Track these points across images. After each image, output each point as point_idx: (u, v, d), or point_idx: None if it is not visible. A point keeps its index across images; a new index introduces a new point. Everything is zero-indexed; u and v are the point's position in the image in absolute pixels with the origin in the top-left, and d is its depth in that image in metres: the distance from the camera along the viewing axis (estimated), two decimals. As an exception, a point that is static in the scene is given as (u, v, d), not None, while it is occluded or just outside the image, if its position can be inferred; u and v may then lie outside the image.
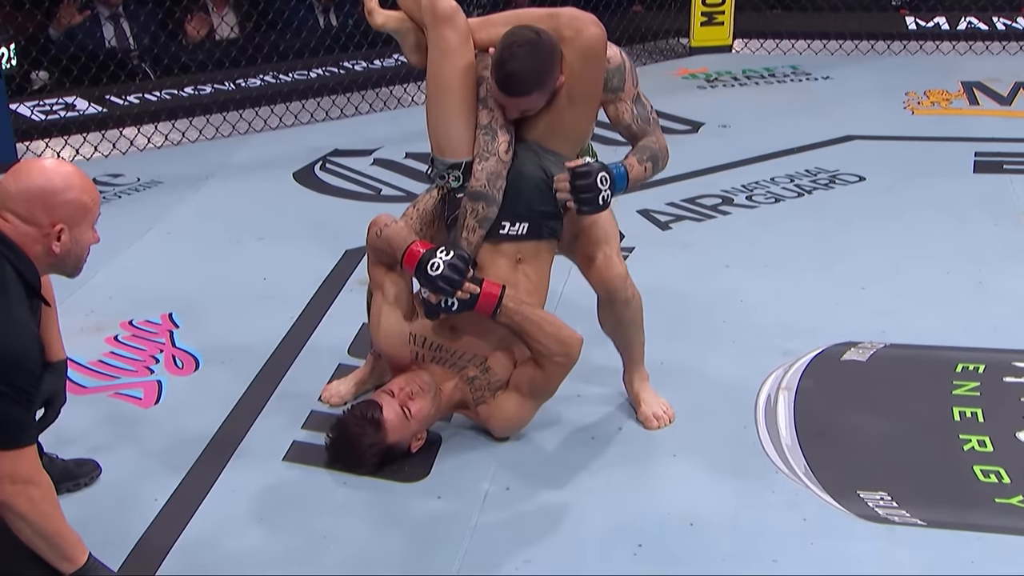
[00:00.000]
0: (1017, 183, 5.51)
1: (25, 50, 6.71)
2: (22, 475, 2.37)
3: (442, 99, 3.18)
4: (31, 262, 2.48)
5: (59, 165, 2.57)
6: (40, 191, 2.47)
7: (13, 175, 2.50)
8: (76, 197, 2.51)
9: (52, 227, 2.47)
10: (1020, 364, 3.73)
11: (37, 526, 2.41)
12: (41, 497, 2.41)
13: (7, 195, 2.47)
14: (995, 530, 2.94)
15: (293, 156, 6.12)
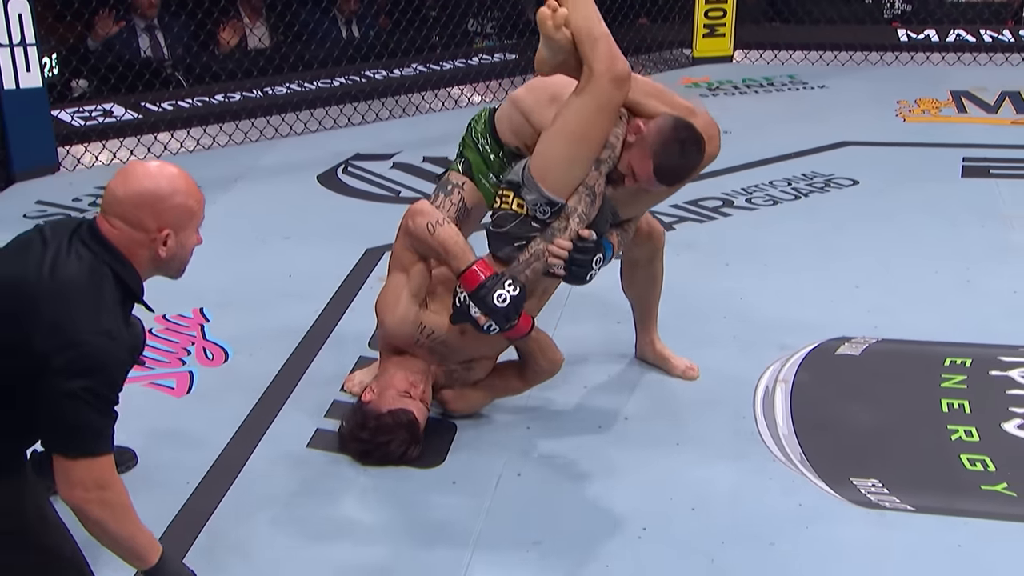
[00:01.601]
0: (1003, 187, 5.50)
1: (66, 60, 6.73)
2: (96, 481, 2.23)
3: (579, 146, 3.09)
4: (134, 268, 2.35)
5: (165, 168, 2.41)
6: (148, 196, 2.33)
7: (121, 179, 2.36)
8: (183, 201, 2.38)
9: (159, 232, 2.34)
10: (1005, 358, 3.72)
11: (111, 531, 2.28)
12: (115, 501, 2.27)
13: (115, 200, 2.33)
14: (981, 515, 2.94)
15: (317, 160, 6.13)
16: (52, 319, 2.18)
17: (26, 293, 2.22)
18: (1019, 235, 4.86)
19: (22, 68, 5.62)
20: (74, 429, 2.21)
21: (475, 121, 3.50)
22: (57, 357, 2.16)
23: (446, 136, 6.48)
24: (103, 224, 2.33)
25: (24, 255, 2.30)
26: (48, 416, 2.22)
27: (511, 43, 8.33)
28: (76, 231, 2.34)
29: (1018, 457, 3.18)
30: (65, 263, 2.26)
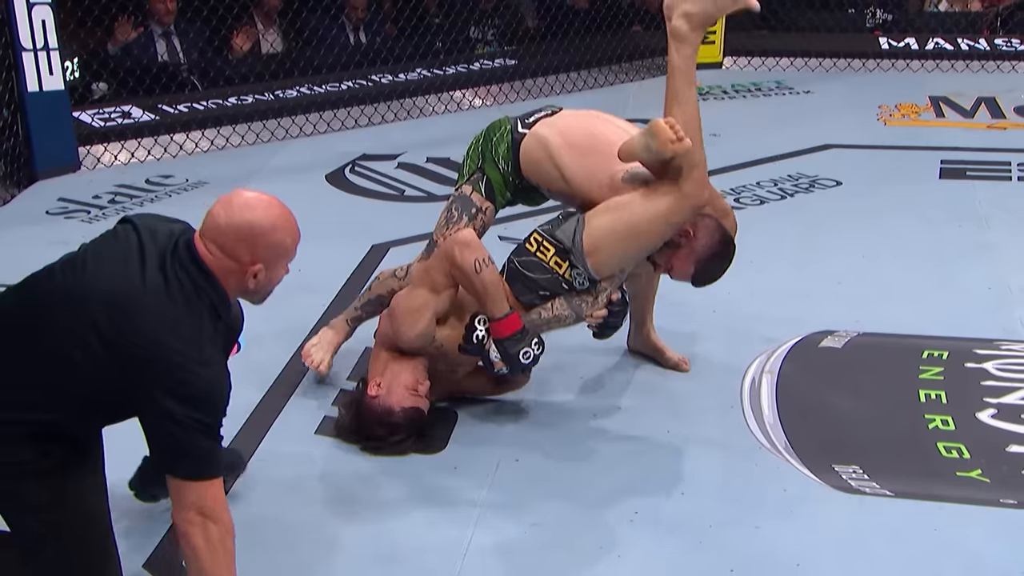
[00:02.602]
0: (979, 188, 5.49)
1: (87, 64, 6.72)
2: (207, 508, 2.16)
3: (638, 243, 3.08)
4: (225, 294, 2.28)
5: (271, 205, 2.31)
6: (249, 229, 2.25)
7: (225, 207, 2.28)
8: (280, 239, 2.30)
9: (252, 265, 2.26)
10: (980, 351, 3.72)
11: (205, 565, 2.18)
12: (218, 537, 2.18)
13: (216, 227, 2.25)
14: (956, 500, 2.94)
15: (326, 160, 6.12)
16: (157, 348, 2.12)
17: (127, 309, 2.15)
18: (994, 234, 4.86)
19: (45, 71, 5.62)
20: (181, 453, 2.15)
21: (495, 136, 3.34)
22: (163, 386, 2.11)
23: (449, 138, 6.50)
24: (200, 247, 2.26)
25: (123, 262, 2.22)
26: (155, 437, 2.18)
27: (511, 49, 8.31)
28: (175, 249, 2.25)
29: (992, 445, 3.18)
30: (166, 286, 2.19)
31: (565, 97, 7.57)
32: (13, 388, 2.19)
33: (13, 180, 5.63)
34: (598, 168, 3.12)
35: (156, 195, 5.57)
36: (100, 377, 2.16)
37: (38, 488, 2.22)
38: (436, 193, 5.57)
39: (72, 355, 2.15)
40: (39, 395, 2.19)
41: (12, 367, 2.20)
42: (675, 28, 3.07)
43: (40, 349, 2.18)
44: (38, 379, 2.18)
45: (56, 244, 4.84)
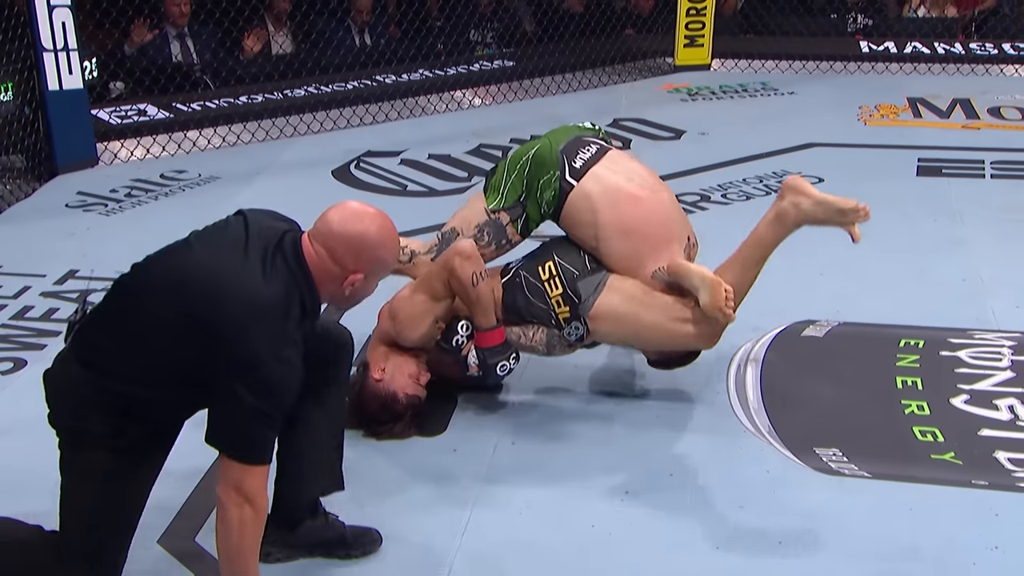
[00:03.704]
0: (954, 185, 5.49)
1: (104, 64, 6.70)
2: (247, 490, 2.16)
3: (639, 342, 3.23)
4: (318, 296, 2.27)
5: (384, 221, 2.30)
6: (359, 239, 2.24)
7: (340, 213, 2.28)
8: (384, 256, 2.29)
9: (353, 273, 2.26)
10: (954, 340, 3.72)
11: (233, 543, 2.19)
12: (252, 519, 2.18)
13: (328, 230, 2.25)
14: (930, 481, 2.95)
15: (332, 156, 6.11)
16: (238, 335, 2.11)
17: (219, 292, 2.15)
18: (968, 229, 4.86)
19: (65, 71, 5.61)
20: (237, 434, 2.16)
21: (543, 177, 3.14)
22: (236, 370, 2.12)
23: (450, 135, 6.50)
24: (307, 246, 2.25)
25: (225, 249, 2.24)
26: (216, 414, 2.17)
27: (509, 51, 8.30)
28: (280, 243, 2.25)
29: (964, 429, 3.19)
30: (263, 276, 2.18)
31: (561, 97, 7.56)
32: (118, 359, 2.22)
33: (35, 174, 5.63)
34: (635, 252, 3.07)
35: (170, 189, 5.56)
36: (184, 356, 2.17)
37: (102, 459, 2.23)
38: (437, 188, 5.56)
39: (164, 332, 2.17)
40: (136, 369, 2.21)
41: (119, 340, 2.22)
42: (783, 209, 3.03)
43: (141, 324, 2.20)
44: (137, 353, 2.20)
45: (74, 236, 4.88)
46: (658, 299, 3.06)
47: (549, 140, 3.21)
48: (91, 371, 2.23)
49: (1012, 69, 8.11)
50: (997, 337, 3.75)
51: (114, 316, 2.27)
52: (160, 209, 5.28)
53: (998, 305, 4.02)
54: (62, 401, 2.27)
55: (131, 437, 2.25)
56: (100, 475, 2.24)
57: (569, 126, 3.34)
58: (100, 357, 2.23)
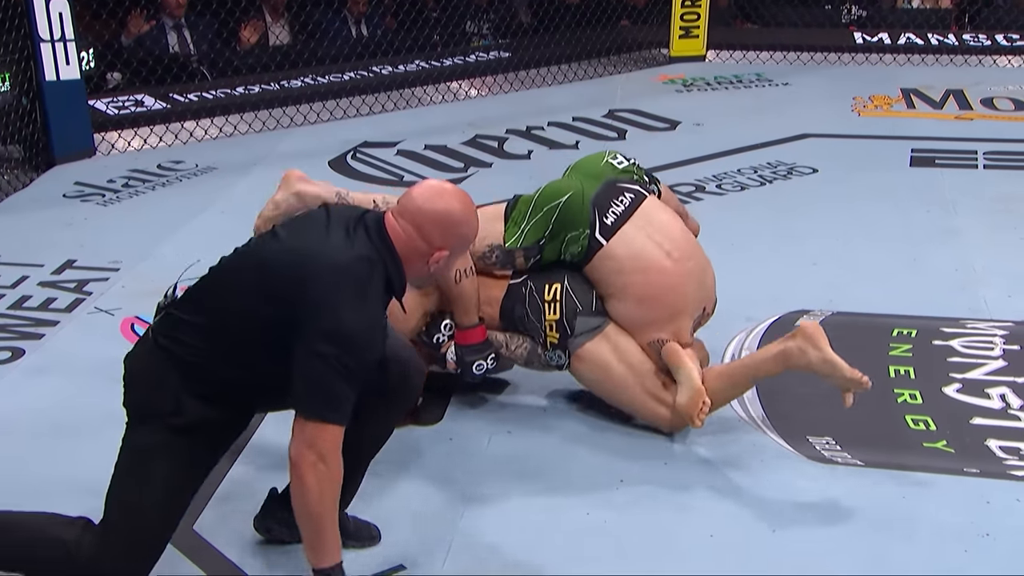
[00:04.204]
0: (947, 176, 5.50)
1: (101, 54, 6.69)
2: (321, 447, 2.13)
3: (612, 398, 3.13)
4: (403, 270, 2.27)
5: (466, 197, 2.31)
6: (446, 215, 2.25)
7: (426, 191, 2.29)
8: (468, 232, 2.31)
9: (439, 250, 2.26)
10: (947, 329, 3.73)
11: (310, 504, 2.16)
12: (327, 477, 2.16)
13: (416, 208, 2.25)
14: (923, 469, 2.95)
15: (328, 147, 6.10)
16: (320, 296, 2.13)
17: (302, 263, 2.18)
18: (960, 219, 4.86)
19: (62, 61, 5.60)
20: (316, 388, 2.13)
21: (571, 233, 3.02)
22: (318, 326, 2.12)
23: (446, 126, 6.49)
24: (391, 223, 2.26)
25: (308, 229, 2.27)
26: (299, 373, 2.15)
27: (505, 42, 8.29)
28: (362, 219, 2.27)
29: (956, 418, 3.19)
30: (342, 245, 2.20)
31: (556, 88, 7.55)
32: (200, 336, 2.24)
33: (32, 165, 5.62)
34: (643, 319, 3.01)
35: (168, 180, 5.56)
36: (268, 331, 2.18)
37: (158, 438, 2.23)
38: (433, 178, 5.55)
39: (250, 309, 2.20)
40: (217, 347, 2.23)
41: (204, 318, 2.25)
42: (790, 350, 2.88)
43: (227, 302, 2.24)
44: (220, 331, 2.23)
45: (72, 226, 4.88)
46: (645, 367, 3.04)
47: (582, 187, 3.06)
48: (170, 348, 2.25)
49: (1005, 60, 8.12)
50: (989, 326, 3.75)
51: (201, 297, 2.30)
52: (157, 199, 5.27)
53: (990, 295, 4.03)
54: (137, 379, 2.29)
55: (190, 417, 2.24)
56: (152, 453, 2.23)
57: (603, 163, 3.19)
58: (181, 335, 2.25)
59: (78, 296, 4.11)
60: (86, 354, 3.66)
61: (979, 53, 8.17)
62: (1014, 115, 6.72)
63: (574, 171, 3.22)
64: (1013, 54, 8.15)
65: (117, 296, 4.12)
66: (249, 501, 2.66)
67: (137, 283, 4.22)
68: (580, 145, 6.13)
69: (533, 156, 5.95)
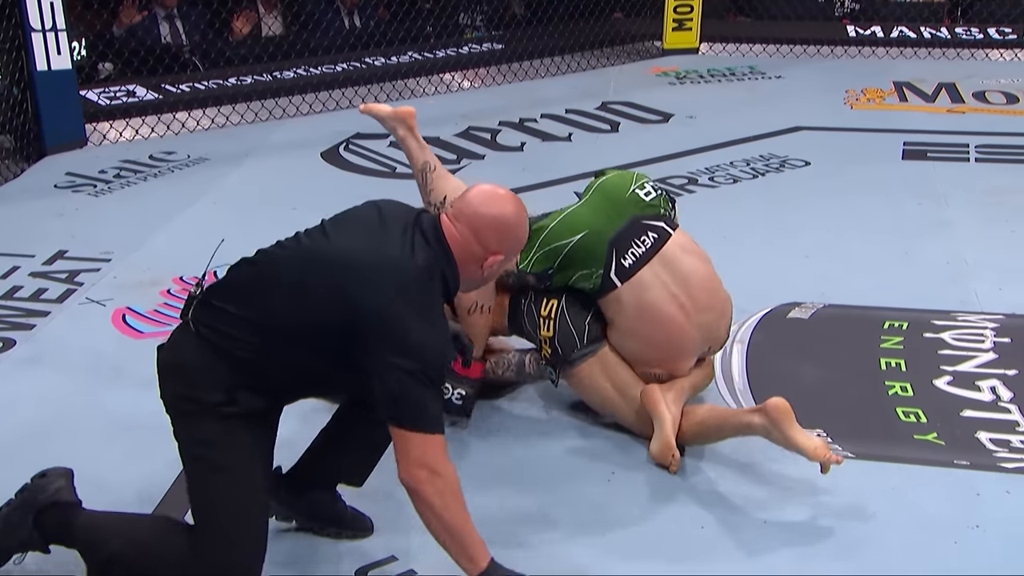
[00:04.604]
0: (939, 169, 5.50)
1: (93, 45, 6.67)
2: (432, 462, 2.13)
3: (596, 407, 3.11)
4: (458, 273, 2.27)
5: (519, 202, 2.31)
6: (502, 220, 2.26)
7: (483, 195, 2.29)
8: (521, 236, 2.32)
9: (494, 254, 2.27)
10: (938, 322, 3.73)
11: (444, 518, 2.15)
12: (448, 488, 2.15)
13: (473, 212, 2.25)
14: (913, 461, 2.96)
15: (321, 138, 6.08)
16: (387, 308, 2.11)
17: (358, 270, 2.15)
18: (952, 212, 4.87)
19: (53, 51, 5.57)
20: (408, 403, 2.12)
21: (585, 270, 2.94)
22: (390, 343, 2.10)
23: (439, 118, 6.46)
24: (448, 225, 2.25)
25: (362, 229, 2.24)
26: (382, 389, 2.13)
27: (498, 34, 8.27)
28: (417, 221, 2.25)
29: (947, 410, 3.20)
30: (402, 252, 2.18)
31: (549, 80, 7.54)
32: (247, 329, 2.21)
33: (23, 155, 5.59)
34: (643, 358, 2.98)
35: (159, 170, 5.54)
36: (322, 330, 2.17)
37: (212, 427, 2.22)
38: (426, 170, 5.54)
39: (302, 305, 2.18)
40: (265, 338, 2.21)
41: (251, 310, 2.22)
42: (755, 427, 2.81)
43: (276, 296, 2.21)
44: (269, 324, 2.20)
45: (63, 216, 4.86)
46: (635, 391, 3.00)
47: (601, 224, 2.93)
48: (216, 341, 2.22)
49: (997, 53, 8.12)
50: (980, 319, 3.76)
51: (249, 290, 2.26)
52: (149, 190, 5.26)
53: (981, 287, 4.04)
54: (181, 371, 2.25)
55: (243, 406, 2.23)
56: (212, 444, 2.21)
57: (629, 193, 2.99)
58: (230, 328, 2.22)
59: (69, 287, 4.10)
60: (77, 345, 3.65)
61: (971, 46, 8.17)
62: (1006, 108, 6.73)
63: (599, 194, 3.02)
64: (1005, 47, 8.16)
65: (109, 287, 4.10)
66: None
67: (129, 274, 4.21)
68: (573, 137, 6.12)
69: (526, 148, 5.94)
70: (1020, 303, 3.88)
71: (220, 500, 2.22)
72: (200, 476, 2.25)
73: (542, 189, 5.16)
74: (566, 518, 2.73)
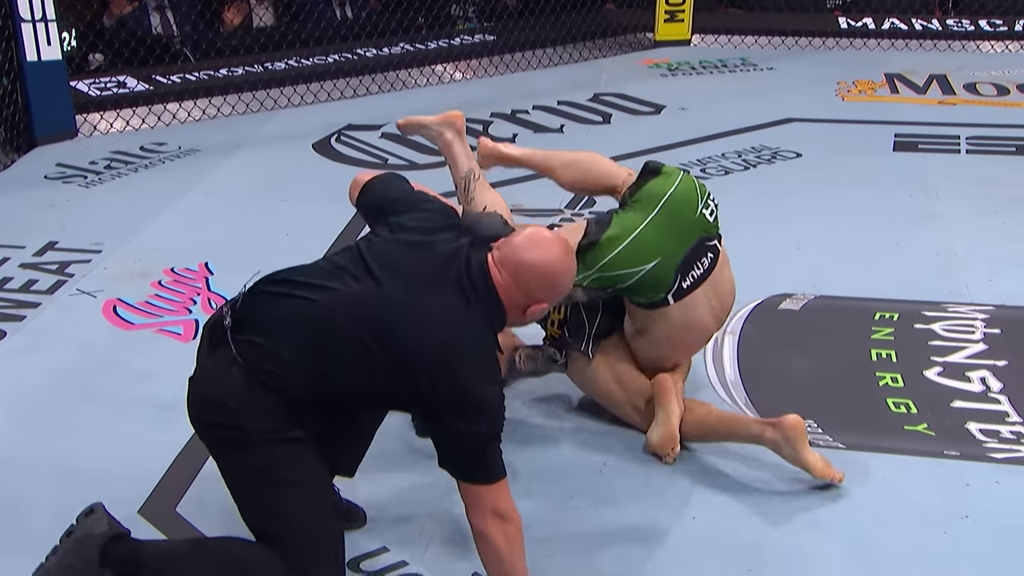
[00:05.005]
0: (929, 160, 5.50)
1: (83, 35, 6.63)
2: (502, 510, 2.17)
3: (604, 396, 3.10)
4: (504, 323, 2.27)
5: (566, 247, 2.29)
6: (553, 274, 2.24)
7: (528, 242, 2.24)
8: (568, 284, 2.31)
9: (537, 303, 2.26)
10: (928, 313, 3.74)
11: (507, 559, 2.18)
12: (515, 533, 2.19)
13: (520, 261, 2.21)
14: (904, 452, 2.97)
15: (312, 129, 6.06)
16: (452, 372, 2.11)
17: (428, 349, 2.12)
18: (942, 203, 4.88)
19: (43, 42, 5.54)
20: (476, 463, 2.16)
21: (646, 291, 2.88)
22: (456, 408, 2.11)
23: (430, 109, 6.39)
24: (496, 273, 2.22)
25: (417, 276, 2.18)
26: (449, 451, 2.17)
27: (490, 25, 8.25)
28: (468, 268, 2.21)
29: (937, 401, 3.21)
30: (468, 308, 2.17)
31: (541, 72, 7.52)
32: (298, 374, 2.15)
33: (13, 146, 5.57)
34: (664, 357, 3.00)
35: (150, 162, 5.52)
36: (379, 381, 2.15)
37: (267, 454, 2.16)
38: (417, 161, 5.54)
39: (358, 356, 2.13)
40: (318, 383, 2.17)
41: (301, 355, 2.16)
42: (766, 440, 2.82)
43: (330, 345, 2.15)
44: (324, 371, 2.16)
45: (54, 207, 4.85)
46: (635, 386, 3.01)
47: (672, 249, 2.85)
48: (270, 383, 2.15)
49: (988, 45, 8.12)
50: (970, 310, 3.77)
51: (300, 340, 2.17)
52: (140, 181, 5.24)
53: (972, 279, 4.04)
54: (230, 406, 2.16)
55: (295, 434, 2.19)
56: (276, 468, 2.17)
57: (697, 215, 2.93)
58: (282, 371, 2.15)
59: (60, 278, 4.09)
60: (68, 336, 3.64)
61: (962, 38, 8.17)
62: (997, 100, 6.74)
63: (667, 215, 2.88)
64: (996, 39, 8.16)
65: (99, 278, 4.09)
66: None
67: (119, 265, 4.20)
68: (565, 129, 6.11)
69: (518, 140, 5.93)
70: (1010, 294, 3.90)
71: (296, 517, 2.18)
72: (275, 499, 2.18)
73: (534, 181, 5.15)
74: (552, 511, 2.74)
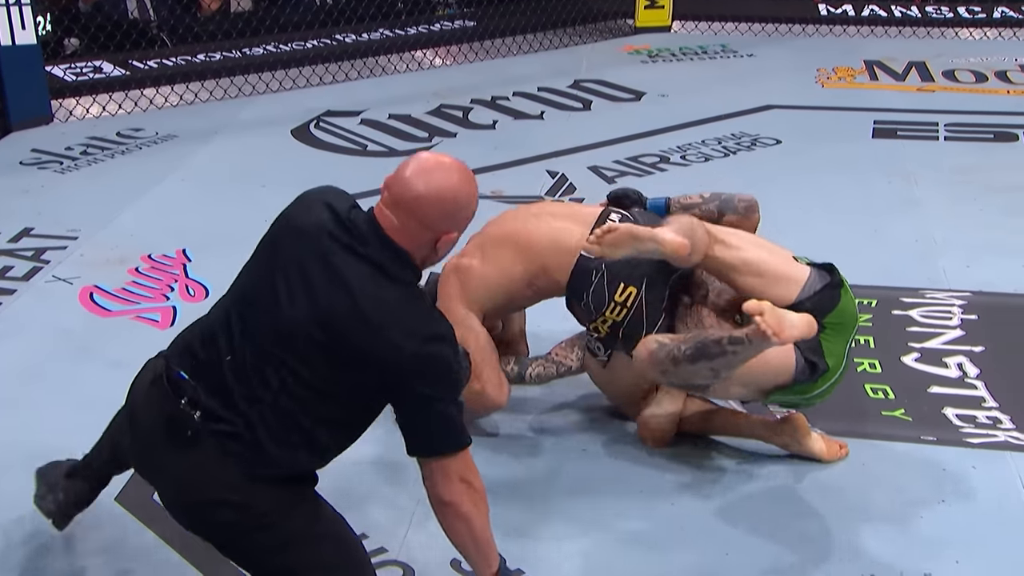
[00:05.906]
0: (908, 147, 5.53)
1: (58, 19, 6.57)
2: (468, 475, 2.06)
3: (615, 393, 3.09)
4: (419, 269, 2.06)
5: (465, 171, 2.04)
6: (452, 201, 1.99)
7: (420, 174, 1.99)
8: (474, 210, 2.06)
9: (447, 235, 2.02)
10: (906, 299, 3.77)
11: (474, 530, 2.09)
12: (480, 498, 2.09)
13: (414, 196, 1.97)
14: (882, 437, 2.99)
15: (291, 115, 6.04)
16: (393, 349, 1.96)
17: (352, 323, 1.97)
18: (921, 190, 4.90)
19: (17, 26, 5.49)
20: (444, 431, 2.03)
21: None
22: (412, 376, 1.98)
23: (410, 95, 6.44)
24: (387, 219, 2.00)
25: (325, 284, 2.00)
26: (415, 423, 2.04)
27: (470, 11, 8.23)
28: (358, 232, 2.01)
29: (914, 386, 3.24)
30: (375, 286, 1.98)
31: (522, 58, 7.51)
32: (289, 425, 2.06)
33: (-13, 131, 5.53)
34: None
35: (127, 147, 5.48)
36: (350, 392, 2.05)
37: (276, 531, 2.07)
38: (397, 148, 5.52)
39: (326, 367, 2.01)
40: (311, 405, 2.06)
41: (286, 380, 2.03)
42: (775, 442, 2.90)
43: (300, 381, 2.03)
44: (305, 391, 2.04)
45: (29, 193, 4.81)
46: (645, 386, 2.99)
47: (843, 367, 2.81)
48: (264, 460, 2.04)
49: (966, 32, 8.16)
50: (948, 296, 3.79)
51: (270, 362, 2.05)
52: (116, 167, 5.20)
53: (949, 265, 4.07)
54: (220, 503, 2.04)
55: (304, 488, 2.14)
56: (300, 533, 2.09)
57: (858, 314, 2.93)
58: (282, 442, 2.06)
59: (36, 264, 4.06)
60: (44, 323, 3.61)
61: (941, 25, 8.21)
62: (975, 87, 6.77)
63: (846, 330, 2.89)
64: (974, 26, 8.21)
65: (75, 264, 4.06)
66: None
67: (96, 251, 4.17)
68: (545, 115, 6.10)
69: (498, 126, 5.92)
70: (987, 281, 3.92)
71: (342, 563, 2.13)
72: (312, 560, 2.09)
73: (514, 167, 5.15)
74: (535, 500, 2.74)
